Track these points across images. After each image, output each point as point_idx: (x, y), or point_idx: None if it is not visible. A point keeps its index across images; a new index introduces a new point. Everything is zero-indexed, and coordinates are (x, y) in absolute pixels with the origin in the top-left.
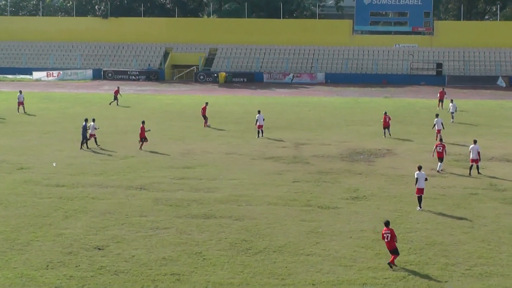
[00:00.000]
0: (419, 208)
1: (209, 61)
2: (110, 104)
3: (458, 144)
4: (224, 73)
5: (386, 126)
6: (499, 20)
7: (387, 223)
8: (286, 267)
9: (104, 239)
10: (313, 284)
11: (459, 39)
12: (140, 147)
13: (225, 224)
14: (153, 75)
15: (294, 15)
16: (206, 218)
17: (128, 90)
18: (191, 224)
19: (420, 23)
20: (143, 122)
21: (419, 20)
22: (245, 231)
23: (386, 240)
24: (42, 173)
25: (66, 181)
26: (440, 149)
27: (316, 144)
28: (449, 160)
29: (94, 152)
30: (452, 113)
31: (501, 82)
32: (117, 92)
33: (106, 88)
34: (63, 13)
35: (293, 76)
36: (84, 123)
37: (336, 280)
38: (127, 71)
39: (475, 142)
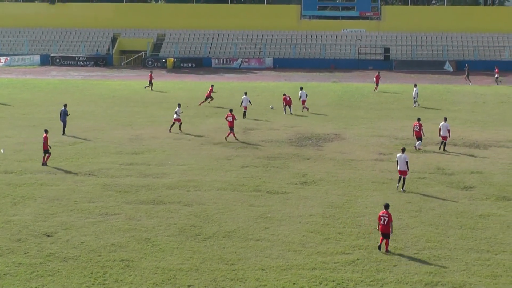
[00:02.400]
0: (401, 189)
1: (157, 46)
2: (145, 88)
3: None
4: (172, 59)
5: (288, 104)
6: (446, 5)
7: (386, 206)
8: (235, 252)
9: (53, 226)
10: (262, 269)
11: (406, 24)
12: (228, 135)
13: (174, 210)
14: (101, 61)
15: (242, 0)
16: (155, 204)
17: (76, 75)
18: (140, 210)
19: (368, 8)
20: (231, 110)
21: (366, 5)
22: (194, 217)
23: (382, 222)
24: None
25: (14, 167)
26: (417, 128)
27: (265, 129)
28: (397, 144)
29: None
30: (415, 98)
31: (448, 66)
32: (151, 77)
33: (54, 74)
34: None
35: (242, 61)
36: (63, 108)
37: (286, 265)
38: (75, 56)
39: (445, 120)
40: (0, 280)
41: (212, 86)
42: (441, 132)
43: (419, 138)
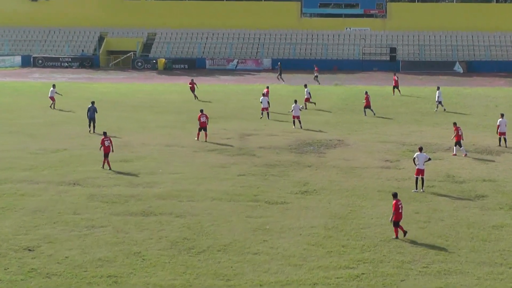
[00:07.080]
0: (414, 190)
1: (147, 46)
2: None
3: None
4: (164, 60)
5: (367, 105)
6: (456, 2)
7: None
8: (231, 267)
9: (35, 239)
10: (260, 285)
11: (413, 22)
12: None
13: (165, 222)
14: (87, 62)
15: None
16: (145, 216)
17: (60, 78)
18: (129, 222)
19: (373, 5)
20: (201, 111)
21: (371, 2)
22: (187, 229)
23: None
24: None
25: None
26: (460, 132)
27: (263, 134)
28: (404, 150)
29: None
30: (440, 101)
31: (458, 67)
32: (192, 85)
33: (36, 76)
34: None
35: (238, 62)
36: (91, 105)
37: (285, 280)
38: (59, 57)
39: (502, 116)
40: None
41: (267, 87)
42: (499, 128)
43: (458, 143)
